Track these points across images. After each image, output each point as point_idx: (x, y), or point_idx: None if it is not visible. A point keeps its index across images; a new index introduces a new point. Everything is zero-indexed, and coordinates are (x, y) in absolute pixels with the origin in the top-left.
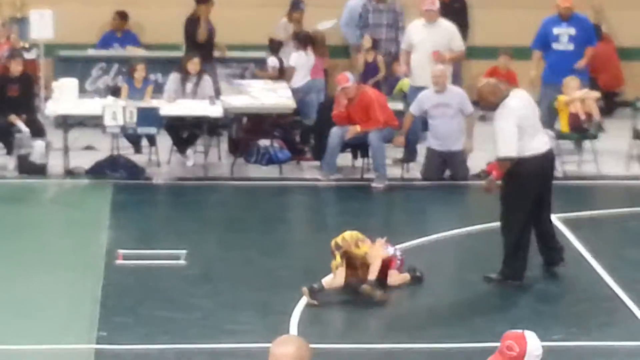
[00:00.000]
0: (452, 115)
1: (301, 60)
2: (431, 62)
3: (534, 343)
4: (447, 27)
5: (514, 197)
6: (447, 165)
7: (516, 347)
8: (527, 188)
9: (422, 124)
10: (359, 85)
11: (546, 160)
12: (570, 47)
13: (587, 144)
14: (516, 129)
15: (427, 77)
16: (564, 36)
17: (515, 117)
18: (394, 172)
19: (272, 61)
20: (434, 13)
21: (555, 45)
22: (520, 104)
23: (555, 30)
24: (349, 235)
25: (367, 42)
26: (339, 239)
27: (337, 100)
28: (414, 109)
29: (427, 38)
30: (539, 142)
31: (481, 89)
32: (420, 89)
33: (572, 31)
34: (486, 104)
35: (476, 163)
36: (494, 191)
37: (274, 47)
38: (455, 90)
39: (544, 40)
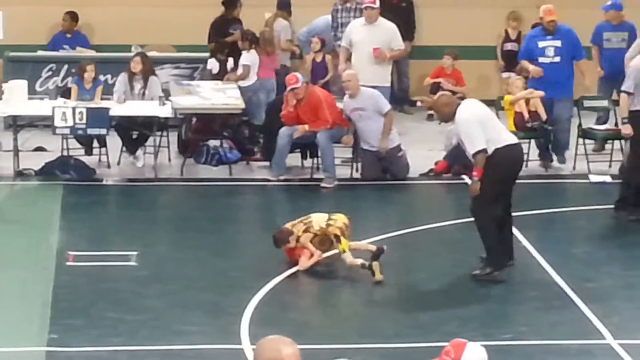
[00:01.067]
0: (369, 117)
1: (248, 60)
2: (371, 61)
3: (473, 354)
4: (387, 27)
5: (491, 188)
6: (383, 164)
7: (452, 354)
8: (504, 176)
9: None
10: (307, 86)
11: (518, 150)
12: (557, 59)
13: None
14: (479, 127)
15: (366, 76)
16: (549, 49)
17: (475, 117)
18: (344, 172)
19: (210, 63)
20: (375, 11)
21: (541, 59)
22: (474, 107)
23: (541, 44)
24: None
25: (315, 43)
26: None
27: (286, 101)
28: (344, 113)
29: (367, 37)
30: (507, 135)
31: (436, 101)
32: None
33: (558, 43)
34: (441, 115)
35: (419, 161)
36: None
37: (218, 48)
38: (367, 93)
39: (529, 55)
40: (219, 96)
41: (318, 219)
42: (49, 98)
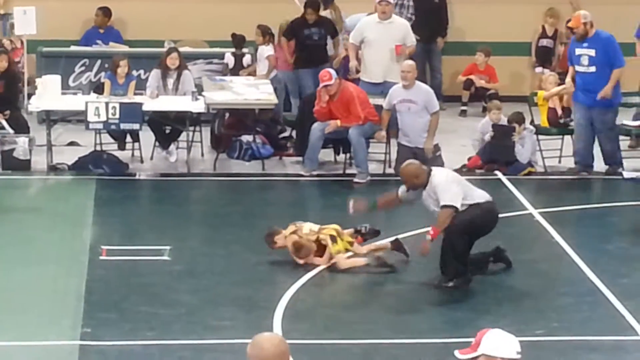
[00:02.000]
0: (416, 111)
1: (264, 53)
2: (387, 57)
3: (494, 338)
4: (400, 23)
5: (461, 229)
6: (419, 161)
7: (475, 338)
8: (478, 228)
9: None
10: (340, 82)
11: (491, 208)
12: (592, 69)
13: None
14: (458, 186)
15: (381, 73)
16: (584, 57)
17: (452, 178)
18: (377, 167)
19: (227, 58)
20: (390, 7)
21: (577, 67)
22: (446, 171)
23: (577, 51)
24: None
25: (346, 39)
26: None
27: (319, 96)
28: (385, 103)
29: (382, 35)
30: (481, 194)
31: (404, 171)
32: (373, 84)
33: (592, 52)
34: (410, 185)
35: (453, 157)
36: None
37: (237, 42)
38: (422, 87)
39: (571, 62)
40: (251, 91)
41: (309, 225)
42: (82, 93)
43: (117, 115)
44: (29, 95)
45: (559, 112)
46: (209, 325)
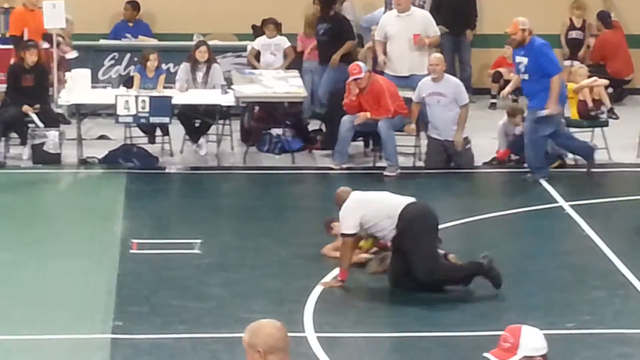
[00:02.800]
0: (446, 104)
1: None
2: (410, 50)
3: (530, 336)
4: (421, 15)
5: (421, 246)
6: (449, 153)
7: (510, 339)
8: (423, 230)
9: None
10: (370, 75)
11: (421, 205)
12: (525, 77)
13: (597, 131)
14: (357, 212)
15: (407, 66)
16: (521, 65)
17: (353, 205)
18: (406, 160)
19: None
20: (407, 1)
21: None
22: (356, 196)
23: (517, 59)
24: None
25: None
26: None
27: (349, 89)
28: (414, 96)
29: (403, 28)
30: (397, 202)
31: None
32: (400, 78)
33: (525, 60)
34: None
35: (482, 150)
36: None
37: (258, 34)
38: (452, 80)
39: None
40: (281, 84)
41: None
42: (112, 87)
43: (147, 109)
44: (59, 89)
45: (590, 104)
46: (240, 318)
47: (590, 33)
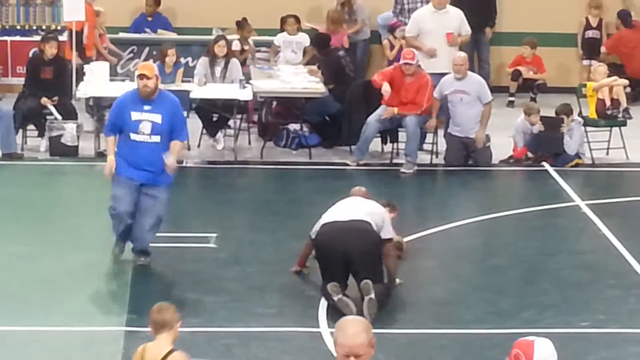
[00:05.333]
0: (469, 102)
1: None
2: (444, 47)
3: (543, 352)
4: (456, 13)
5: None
6: (469, 151)
7: (523, 357)
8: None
9: None
10: (419, 67)
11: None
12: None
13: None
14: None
15: (442, 63)
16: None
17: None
18: (423, 157)
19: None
20: None
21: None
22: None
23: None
24: None
25: (401, 30)
26: None
27: (384, 71)
28: (436, 92)
29: (439, 24)
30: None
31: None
32: (435, 75)
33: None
34: None
35: (500, 148)
36: None
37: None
38: (475, 78)
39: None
40: (299, 80)
41: None
42: (130, 80)
43: None
44: (77, 82)
45: (608, 103)
46: (255, 312)
47: (607, 32)
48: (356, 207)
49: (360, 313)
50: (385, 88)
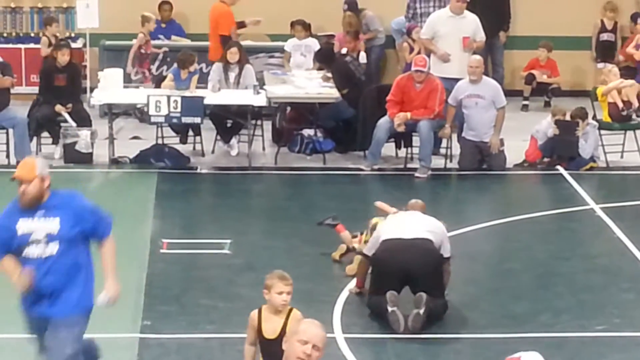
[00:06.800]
0: (484, 106)
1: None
2: (460, 52)
3: None
4: (472, 18)
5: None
6: (483, 155)
7: None
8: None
9: None
10: (429, 72)
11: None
12: None
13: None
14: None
15: (455, 68)
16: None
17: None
18: (437, 162)
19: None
20: (465, 4)
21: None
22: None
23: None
24: None
25: (416, 32)
26: None
27: (393, 93)
28: (450, 99)
29: (455, 29)
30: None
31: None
32: (446, 80)
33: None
34: None
35: (514, 152)
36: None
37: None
38: (490, 82)
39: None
40: (313, 85)
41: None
42: (144, 87)
43: (179, 109)
44: (91, 89)
45: (620, 105)
46: None
47: (622, 35)
48: (418, 224)
49: (405, 324)
50: (398, 122)
